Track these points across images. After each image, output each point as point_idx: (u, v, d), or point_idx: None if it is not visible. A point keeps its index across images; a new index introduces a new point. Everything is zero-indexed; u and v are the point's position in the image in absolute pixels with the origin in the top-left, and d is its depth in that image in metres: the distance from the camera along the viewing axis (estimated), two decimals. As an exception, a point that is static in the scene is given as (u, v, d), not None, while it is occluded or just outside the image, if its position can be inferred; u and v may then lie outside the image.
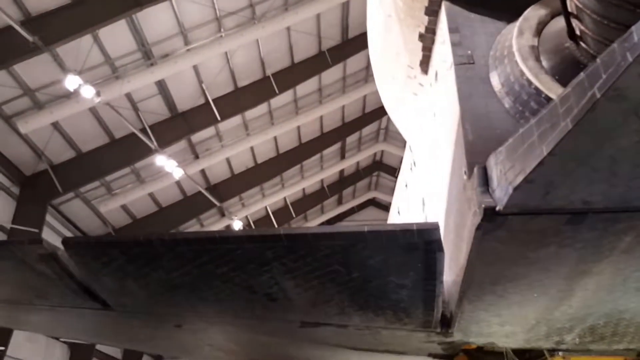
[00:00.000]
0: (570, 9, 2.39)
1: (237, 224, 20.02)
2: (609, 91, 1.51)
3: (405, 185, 6.25)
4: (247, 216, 22.96)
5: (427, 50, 3.76)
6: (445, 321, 3.55)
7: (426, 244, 2.62)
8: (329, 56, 15.57)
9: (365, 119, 21.39)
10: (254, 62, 15.27)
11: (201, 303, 3.56)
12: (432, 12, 3.45)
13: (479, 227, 2.27)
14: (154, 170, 16.84)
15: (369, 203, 29.94)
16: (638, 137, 1.67)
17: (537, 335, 3.65)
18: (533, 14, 2.78)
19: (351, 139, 22.62)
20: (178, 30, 13.00)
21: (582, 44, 2.44)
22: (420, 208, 5.09)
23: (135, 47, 12.63)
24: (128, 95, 13.52)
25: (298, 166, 22.25)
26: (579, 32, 2.43)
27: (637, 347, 3.67)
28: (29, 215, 13.07)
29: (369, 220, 28.17)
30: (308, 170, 23.44)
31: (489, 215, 2.18)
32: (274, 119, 18.21)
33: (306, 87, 17.36)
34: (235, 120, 17.06)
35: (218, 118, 14.97)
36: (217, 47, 13.13)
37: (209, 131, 16.93)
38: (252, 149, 19.28)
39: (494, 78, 2.87)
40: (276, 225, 23.65)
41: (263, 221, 24.18)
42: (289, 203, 24.66)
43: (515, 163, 2.03)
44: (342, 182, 26.16)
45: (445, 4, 3.29)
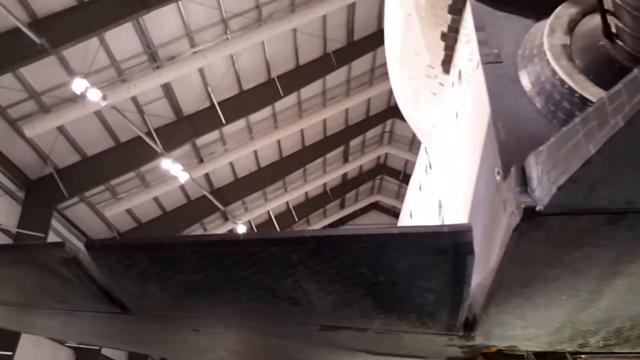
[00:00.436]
0: (607, 6, 2.35)
1: (241, 228, 19.97)
2: None
3: (419, 188, 6.21)
4: (249, 220, 22.90)
5: (449, 49, 3.73)
6: (468, 324, 3.50)
7: (457, 246, 2.58)
8: (334, 58, 15.55)
9: (370, 122, 21.38)
10: (259, 64, 15.26)
11: (222, 306, 3.52)
12: (456, 10, 3.43)
13: (517, 228, 2.23)
14: (159, 174, 16.82)
15: (371, 207, 29.88)
16: None
17: (561, 338, 3.60)
18: (564, 12, 2.74)
19: (355, 142, 22.61)
20: (184, 32, 12.99)
21: (618, 42, 2.40)
22: (437, 211, 5.05)
23: (141, 49, 12.63)
24: (134, 99, 13.50)
25: (301, 170, 22.23)
26: (615, 30, 2.39)
27: (664, 350, 3.62)
28: (34, 220, 13.03)
29: (372, 224, 28.10)
30: (311, 173, 23.42)
31: (529, 216, 2.14)
32: (277, 122, 18.20)
33: (310, 89, 17.35)
34: (239, 123, 17.06)
35: (223, 122, 14.95)
36: (224, 49, 13.12)
37: (213, 135, 16.92)
38: (255, 152, 19.26)
39: (524, 77, 2.83)
40: (278, 230, 23.59)
41: (265, 225, 24.13)
42: (291, 207, 24.61)
43: (558, 162, 1.99)
44: (345, 186, 26.13)
45: (471, 2, 3.25)
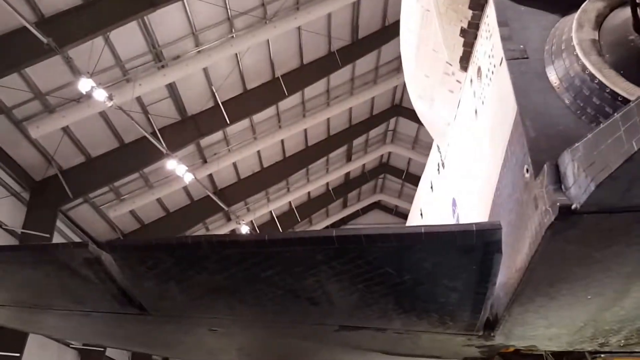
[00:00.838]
0: (638, 0, 2.32)
1: (244, 229, 19.93)
2: None
3: (431, 187, 6.16)
4: (252, 221, 22.84)
5: (468, 45, 3.70)
6: (489, 324, 3.47)
7: (485, 245, 2.55)
8: (339, 57, 15.48)
9: (373, 120, 21.32)
10: (264, 63, 15.20)
11: (240, 307, 3.49)
12: (477, 5, 3.39)
13: (550, 227, 2.19)
14: (163, 175, 16.78)
15: (374, 206, 29.80)
16: None
17: (582, 337, 3.57)
18: (591, 6, 2.71)
19: (358, 141, 22.54)
20: (189, 31, 12.94)
21: (650, 36, 2.37)
22: (450, 209, 5.02)
23: (146, 49, 12.58)
24: (138, 99, 13.46)
25: (304, 170, 22.17)
26: (646, 24, 2.36)
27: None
28: (39, 221, 12.99)
29: (374, 224, 28.07)
30: (314, 173, 23.36)
31: (564, 214, 2.11)
32: (281, 122, 18.15)
33: (314, 89, 17.30)
34: (243, 123, 17.01)
35: (227, 122, 14.90)
36: (229, 48, 13.06)
37: (217, 135, 16.87)
38: (258, 152, 19.22)
39: (551, 73, 2.79)
40: (281, 230, 23.54)
41: (268, 226, 24.07)
42: (294, 207, 24.56)
43: (597, 159, 1.95)
44: (348, 185, 26.06)
45: (495, -3, 3.21)
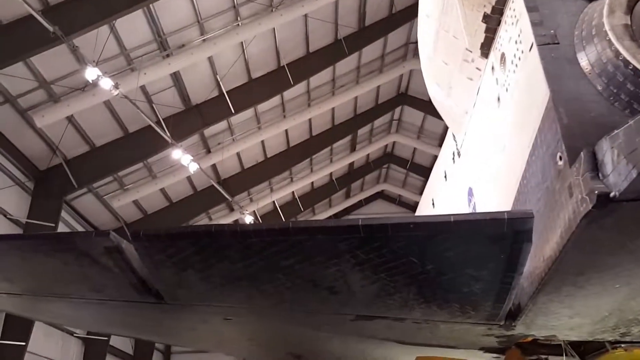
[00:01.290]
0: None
1: (248, 219, 19.93)
2: None
3: (445, 176, 6.10)
4: (255, 211, 22.82)
5: (490, 32, 3.63)
6: (511, 314, 3.44)
7: (515, 233, 2.51)
8: (345, 45, 15.29)
9: (379, 109, 21.16)
10: (269, 52, 15.04)
11: (258, 296, 3.46)
12: (502, -10, 3.32)
13: (587, 215, 2.14)
14: (166, 164, 16.72)
15: (377, 196, 29.73)
16: None
17: (604, 327, 3.54)
18: None
19: (362, 130, 22.40)
20: (195, 19, 12.78)
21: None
22: (466, 198, 4.96)
23: (151, 37, 12.44)
24: (142, 88, 13.36)
25: (308, 160, 22.08)
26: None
27: None
28: (44, 210, 12.98)
29: (378, 214, 28.02)
30: (317, 163, 23.28)
31: (602, 202, 2.06)
32: (286, 112, 18.04)
33: (319, 77, 17.14)
34: (247, 113, 16.89)
35: (232, 111, 14.79)
36: (235, 36, 12.91)
37: (221, 125, 16.77)
38: (262, 142, 19.13)
39: (583, 59, 2.72)
40: (284, 220, 23.52)
41: (270, 216, 24.05)
42: (297, 197, 24.52)
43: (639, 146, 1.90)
44: (352, 175, 25.97)
45: (521, -19, 3.14)
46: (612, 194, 2.04)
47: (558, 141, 2.49)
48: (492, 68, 3.72)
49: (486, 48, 3.78)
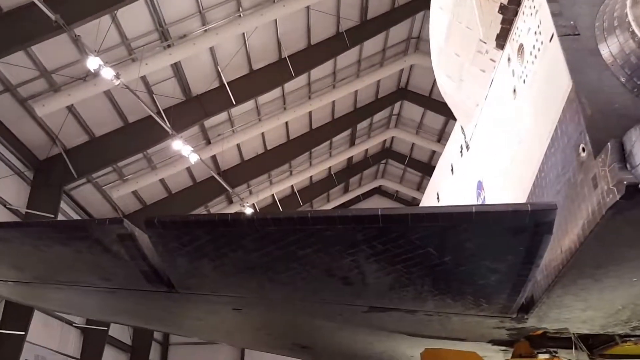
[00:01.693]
0: None
1: (249, 212, 19.90)
2: None
3: (451, 170, 6.09)
4: (254, 203, 22.79)
5: (507, 23, 3.59)
6: (524, 307, 3.44)
7: (536, 225, 2.49)
8: (347, 38, 15.20)
9: (379, 104, 21.10)
10: (271, 44, 14.94)
11: (271, 286, 3.45)
12: (521, -19, 3.28)
13: (614, 206, 2.13)
14: (166, 155, 16.65)
15: (374, 191, 29.73)
16: None
17: (616, 320, 3.55)
18: None
19: (361, 125, 22.36)
20: (196, 9, 12.67)
21: None
22: (474, 192, 4.95)
23: (152, 27, 12.33)
24: (143, 78, 13.26)
25: (307, 153, 22.02)
26: None
27: None
28: (43, 200, 12.91)
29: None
30: (317, 157, 23.23)
31: (630, 193, 2.04)
32: (286, 104, 17.96)
33: (320, 70, 17.06)
34: (248, 104, 16.81)
35: (233, 102, 14.71)
36: (237, 27, 12.81)
37: (221, 116, 16.69)
38: (262, 134, 19.06)
39: (604, 50, 2.70)
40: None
41: (269, 209, 24.01)
42: (296, 190, 24.48)
43: None
44: (350, 170, 25.93)
45: (540, -28, 3.11)
46: None
47: (581, 132, 2.47)
48: (509, 59, 3.69)
49: (502, 39, 3.75)
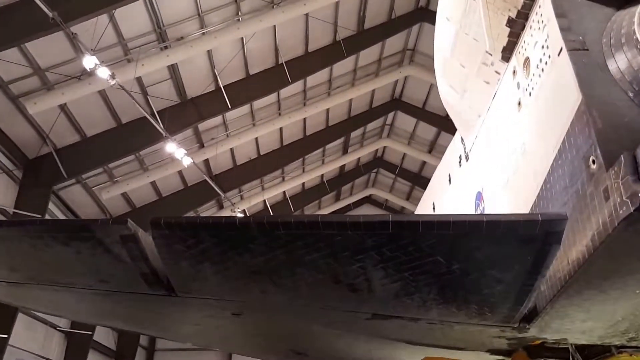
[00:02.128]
0: None
1: (240, 216, 19.78)
2: None
3: (449, 180, 6.12)
4: (244, 209, 22.69)
5: (514, 36, 3.64)
6: (526, 316, 3.46)
7: (546, 235, 2.51)
8: (344, 46, 15.31)
9: (372, 113, 21.23)
10: (268, 49, 14.97)
11: (274, 291, 3.41)
12: (529, -5, 3.34)
13: (627, 218, 2.16)
14: (158, 157, 16.52)
15: (365, 200, 29.85)
16: None
17: (615, 331, 3.57)
18: None
19: (355, 133, 22.47)
20: (195, 12, 12.66)
21: None
22: (473, 203, 4.98)
23: (150, 28, 12.27)
24: (138, 79, 13.16)
25: (300, 159, 22.04)
26: None
27: None
28: (32, 200, 12.70)
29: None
30: (310, 164, 23.25)
31: None
32: (281, 110, 17.97)
33: (316, 77, 17.13)
34: (242, 109, 16.79)
35: (229, 106, 14.68)
36: (235, 31, 12.82)
37: (216, 120, 16.63)
38: (256, 139, 19.03)
39: (612, 65, 2.75)
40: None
41: (260, 214, 23.90)
42: (288, 197, 24.45)
43: None
44: (342, 178, 26.00)
45: (549, -13, 3.16)
46: None
47: (591, 145, 2.50)
48: (514, 72, 3.74)
49: (508, 52, 3.79)
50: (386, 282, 3.10)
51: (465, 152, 5.41)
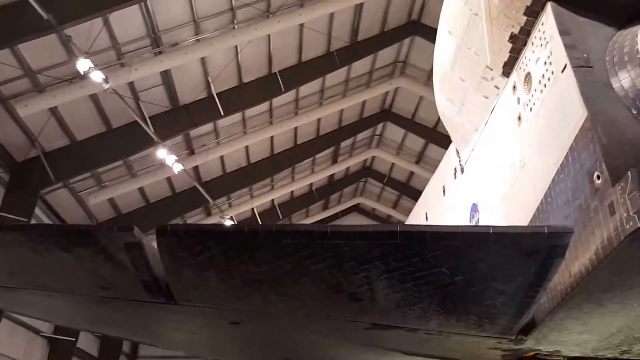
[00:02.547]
0: None
1: (228, 223, 19.65)
2: None
3: (443, 191, 6.18)
4: (232, 216, 22.56)
5: (515, 52, 3.72)
6: (524, 328, 3.50)
7: (551, 248, 2.56)
8: (337, 57, 15.44)
9: (362, 123, 21.38)
10: (262, 58, 15.01)
11: (276, 300, 3.40)
12: (532, 12, 3.42)
13: (633, 233, 2.21)
14: (148, 163, 16.37)
15: (353, 209, 29.94)
16: None
17: (609, 344, 3.63)
18: None
19: (344, 143, 22.58)
20: (191, 18, 12.66)
21: None
22: (467, 215, 5.04)
23: (144, 33, 12.23)
24: (130, 84, 13.08)
25: (289, 168, 22.05)
26: None
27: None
28: (18, 203, 12.45)
29: (354, 226, 27.86)
30: (299, 172, 23.27)
31: None
32: (273, 118, 17.99)
33: (308, 87, 17.22)
34: (234, 117, 16.76)
35: (222, 113, 14.65)
36: (231, 39, 12.85)
37: (207, 127, 16.57)
38: (246, 147, 18.99)
39: (616, 83, 2.83)
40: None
41: (249, 222, 23.79)
42: (276, 205, 24.39)
43: None
44: (331, 187, 26.07)
45: (552, 5, 3.25)
46: None
47: (596, 160, 2.55)
48: (514, 87, 3.81)
49: (509, 67, 3.87)
50: (389, 292, 3.11)
51: (460, 164, 5.48)
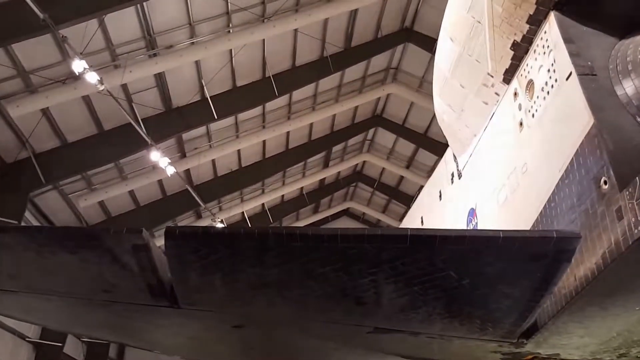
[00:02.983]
0: None
1: (219, 226, 19.53)
2: None
3: (439, 196, 6.23)
4: (222, 219, 22.43)
5: (517, 59, 3.78)
6: (525, 332, 3.53)
7: (558, 252, 2.60)
8: (331, 62, 15.51)
9: (354, 129, 21.46)
10: (256, 62, 15.02)
11: (281, 303, 3.39)
12: (535, 20, 3.47)
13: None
14: (139, 166, 16.23)
15: (343, 213, 30.00)
16: None
17: (607, 347, 3.67)
18: None
19: (336, 147, 22.64)
20: (186, 21, 12.62)
21: None
22: (464, 219, 5.08)
23: (139, 35, 12.15)
24: (123, 86, 12.98)
25: (281, 172, 22.03)
26: None
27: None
28: (7, 206, 12.23)
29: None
30: (290, 176, 23.26)
31: None
32: (265, 122, 17.98)
33: (301, 92, 17.25)
34: (227, 120, 16.71)
35: (215, 116, 14.60)
36: (226, 42, 12.83)
37: (199, 130, 16.49)
38: (238, 151, 18.94)
39: (620, 91, 2.89)
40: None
41: (238, 226, 23.68)
42: (267, 209, 24.33)
43: None
44: (322, 191, 26.09)
45: (556, 15, 3.31)
46: None
47: (603, 166, 2.60)
48: (515, 94, 3.87)
49: (510, 74, 3.92)
50: (395, 296, 3.12)
51: (457, 169, 5.53)
